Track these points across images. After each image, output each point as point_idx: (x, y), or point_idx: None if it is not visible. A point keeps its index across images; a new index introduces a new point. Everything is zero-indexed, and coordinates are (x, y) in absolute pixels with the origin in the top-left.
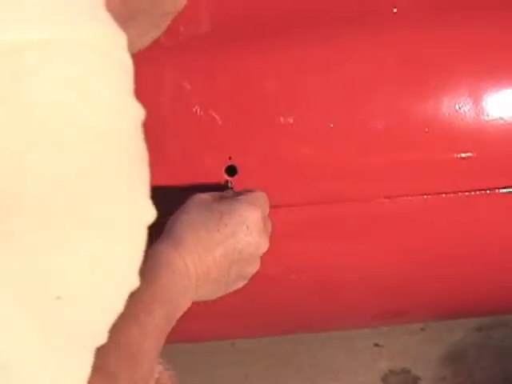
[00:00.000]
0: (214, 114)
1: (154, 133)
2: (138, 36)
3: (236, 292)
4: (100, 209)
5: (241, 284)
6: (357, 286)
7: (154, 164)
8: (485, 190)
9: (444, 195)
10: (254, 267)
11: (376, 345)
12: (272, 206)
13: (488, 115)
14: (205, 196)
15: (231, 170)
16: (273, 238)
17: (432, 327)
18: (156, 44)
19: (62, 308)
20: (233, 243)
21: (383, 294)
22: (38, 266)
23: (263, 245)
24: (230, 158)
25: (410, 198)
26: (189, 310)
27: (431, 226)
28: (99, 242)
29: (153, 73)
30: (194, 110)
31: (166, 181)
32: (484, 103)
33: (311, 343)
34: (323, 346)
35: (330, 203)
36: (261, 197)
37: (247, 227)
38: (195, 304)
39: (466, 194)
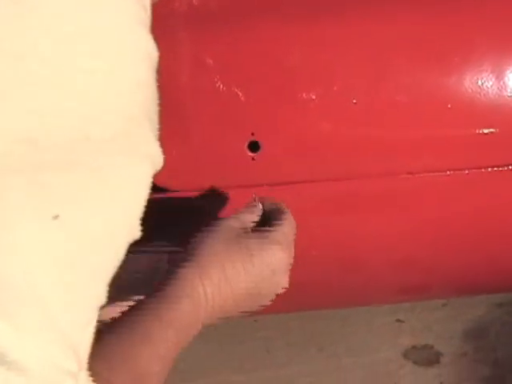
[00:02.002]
0: (236, 90)
1: (177, 109)
2: None
3: None
4: (110, 149)
5: (247, 313)
6: (379, 261)
7: (177, 139)
8: (507, 165)
9: (467, 171)
10: (267, 302)
11: (398, 320)
12: (294, 182)
13: (510, 91)
14: (234, 224)
15: (254, 146)
16: (296, 214)
17: (454, 303)
18: (179, 20)
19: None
20: (256, 285)
21: (405, 269)
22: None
23: (284, 284)
24: (252, 134)
25: (432, 173)
26: None
27: (454, 201)
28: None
29: (176, 49)
30: (216, 86)
31: (188, 157)
32: (506, 79)
33: (333, 320)
34: (345, 323)
35: (353, 179)
36: (291, 230)
37: (273, 271)
38: None
39: (489, 169)
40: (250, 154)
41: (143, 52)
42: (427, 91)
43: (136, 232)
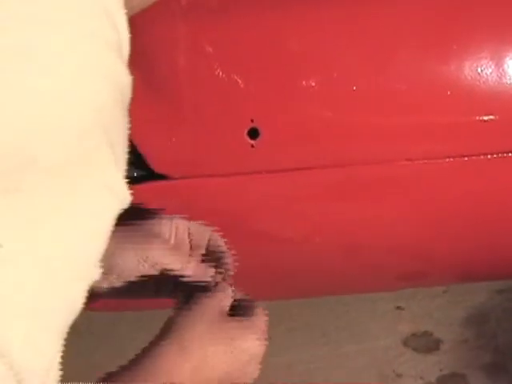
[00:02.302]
0: (236, 77)
1: (176, 96)
2: None
3: (260, 255)
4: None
5: None
6: (380, 247)
7: (177, 127)
8: (507, 152)
9: (466, 158)
10: None
11: (398, 307)
12: (294, 169)
13: (510, 78)
14: (215, 305)
15: (253, 133)
16: (295, 202)
17: (454, 290)
18: (178, 7)
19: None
20: (234, 369)
21: (406, 255)
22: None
23: (255, 374)
24: (252, 121)
25: (432, 160)
26: None
27: (453, 188)
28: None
29: (175, 37)
30: (216, 73)
31: (188, 144)
32: (506, 66)
33: (334, 306)
34: (346, 309)
35: (353, 165)
36: (264, 322)
37: (250, 359)
38: None
39: (488, 156)
40: (250, 140)
41: (106, 75)
42: (427, 78)
43: (94, 273)
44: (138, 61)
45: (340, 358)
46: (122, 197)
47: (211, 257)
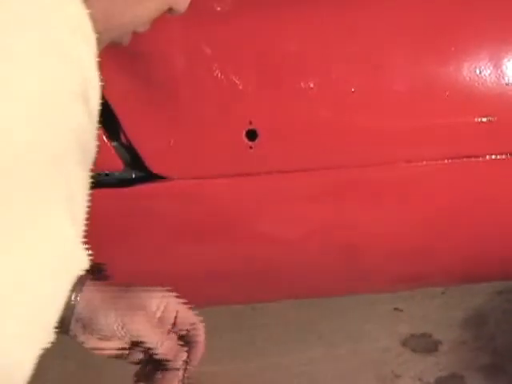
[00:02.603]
0: (234, 78)
1: (175, 97)
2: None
3: (257, 256)
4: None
5: None
6: (378, 248)
7: (175, 128)
8: (505, 153)
9: (465, 159)
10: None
11: (396, 309)
12: (292, 171)
13: (509, 79)
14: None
15: (251, 134)
16: (294, 203)
17: (453, 291)
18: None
19: None
20: None
21: (404, 257)
22: None
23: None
24: (250, 123)
25: (430, 162)
26: (210, 274)
27: (452, 189)
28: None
29: (174, 38)
30: (214, 74)
31: (186, 145)
32: (504, 67)
33: (332, 308)
34: (344, 311)
35: (351, 167)
36: None
37: None
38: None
39: (487, 157)
40: (248, 142)
41: (66, 126)
42: (425, 80)
43: (49, 338)
44: (136, 62)
45: (338, 360)
46: (77, 259)
47: (187, 342)
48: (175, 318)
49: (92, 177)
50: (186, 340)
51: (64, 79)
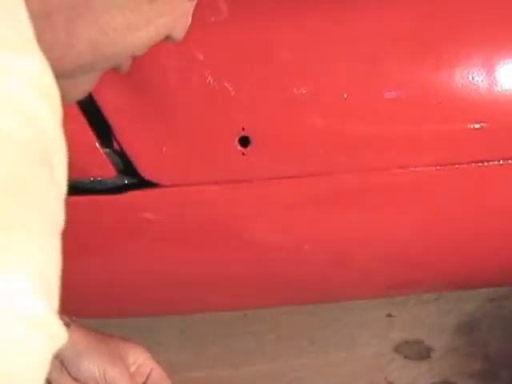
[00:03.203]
0: (227, 84)
1: (167, 103)
2: (74, 87)
3: (249, 262)
4: None
5: None
6: (370, 255)
7: (168, 134)
8: (498, 160)
9: (457, 166)
10: None
11: (389, 315)
12: (285, 177)
13: (501, 85)
14: None
15: (244, 141)
16: (287, 209)
17: (445, 297)
18: None
19: None
20: None
21: (396, 263)
22: None
23: None
24: (243, 129)
25: (422, 168)
26: (202, 280)
27: (444, 196)
28: None
29: (166, 44)
30: (207, 80)
31: (179, 152)
32: (497, 74)
33: (324, 314)
34: (336, 317)
35: (343, 174)
36: None
37: None
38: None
39: (479, 164)
40: (241, 148)
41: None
42: (418, 86)
43: None
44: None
45: (330, 366)
46: (53, 334)
47: None
48: (148, 374)
49: (84, 183)
50: None
51: (22, 141)
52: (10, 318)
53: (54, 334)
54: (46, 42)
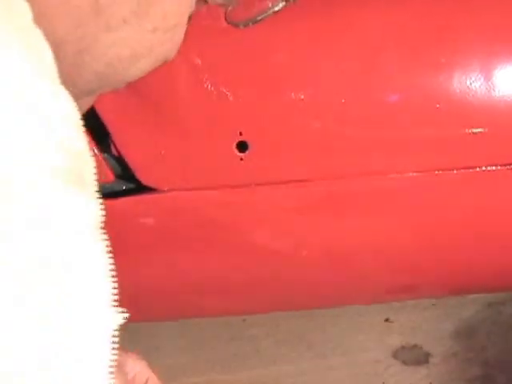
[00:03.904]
0: (225, 90)
1: (165, 109)
2: None
3: (248, 268)
4: None
5: None
6: (368, 261)
7: (166, 139)
8: (496, 165)
9: (455, 171)
10: None
11: (387, 320)
12: (282, 182)
13: (499, 91)
14: None
15: (242, 146)
16: (285, 214)
17: (443, 303)
18: None
19: None
20: None
21: (394, 268)
22: None
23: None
24: (240, 134)
25: (421, 173)
26: (200, 285)
27: (442, 201)
28: None
29: None
30: (205, 86)
31: (177, 157)
32: (495, 79)
33: (322, 319)
34: (334, 322)
35: (341, 178)
36: None
37: None
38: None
39: (477, 169)
40: (239, 153)
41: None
42: (416, 91)
43: None
44: None
45: (328, 371)
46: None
47: None
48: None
49: None
50: None
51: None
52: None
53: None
54: None
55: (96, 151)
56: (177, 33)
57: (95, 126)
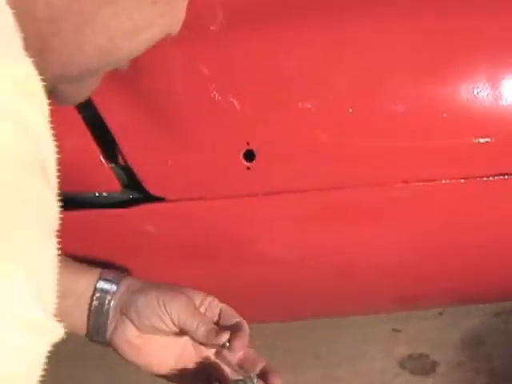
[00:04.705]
0: (232, 99)
1: (172, 118)
2: (76, 91)
3: (255, 277)
4: None
5: None
6: (375, 270)
7: (173, 149)
8: (503, 175)
9: (462, 180)
10: None
11: (394, 330)
12: (289, 192)
13: (506, 100)
14: None
15: (249, 155)
16: (291, 224)
17: (450, 312)
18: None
19: None
20: None
21: (401, 278)
22: None
23: None
24: (248, 143)
25: (428, 183)
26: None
27: (449, 210)
28: None
29: (171, 58)
30: (212, 95)
31: (184, 166)
32: (502, 88)
33: (329, 329)
34: (341, 332)
35: (348, 188)
36: None
37: None
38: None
39: (484, 179)
40: (246, 163)
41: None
42: (423, 100)
43: None
44: (134, 83)
45: (336, 381)
46: (47, 332)
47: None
48: (219, 314)
49: (89, 198)
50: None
51: (19, 149)
52: (7, 321)
53: (50, 332)
54: (53, 47)
55: (103, 161)
56: (177, 4)
57: (102, 136)
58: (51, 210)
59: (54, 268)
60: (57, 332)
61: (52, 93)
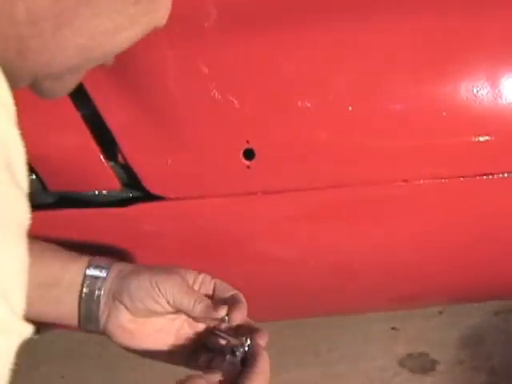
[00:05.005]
0: (231, 97)
1: (172, 117)
2: (60, 86)
3: (254, 276)
4: None
5: None
6: (375, 269)
7: (172, 147)
8: (503, 173)
9: (462, 179)
10: None
11: (393, 328)
12: (289, 190)
13: (506, 98)
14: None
15: (249, 154)
16: (291, 222)
17: (449, 311)
18: (173, 29)
19: None
20: None
21: (401, 277)
22: None
23: None
24: (247, 142)
25: (427, 181)
26: None
27: (449, 209)
28: None
29: (171, 57)
30: (212, 93)
31: (183, 165)
32: (501, 86)
33: (328, 327)
34: (340, 330)
35: (348, 187)
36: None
37: None
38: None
39: (484, 177)
40: (245, 161)
41: None
42: (422, 99)
43: None
44: (133, 82)
45: (335, 379)
46: (12, 331)
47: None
48: (213, 289)
49: (89, 196)
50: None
51: None
52: None
53: (16, 332)
54: (33, 47)
55: (103, 159)
56: (161, 3)
57: (102, 135)
58: (18, 209)
59: (21, 267)
60: (23, 331)
61: (35, 88)
